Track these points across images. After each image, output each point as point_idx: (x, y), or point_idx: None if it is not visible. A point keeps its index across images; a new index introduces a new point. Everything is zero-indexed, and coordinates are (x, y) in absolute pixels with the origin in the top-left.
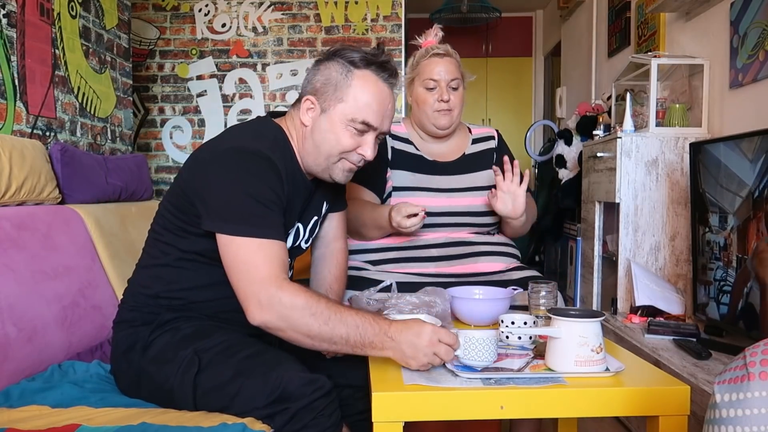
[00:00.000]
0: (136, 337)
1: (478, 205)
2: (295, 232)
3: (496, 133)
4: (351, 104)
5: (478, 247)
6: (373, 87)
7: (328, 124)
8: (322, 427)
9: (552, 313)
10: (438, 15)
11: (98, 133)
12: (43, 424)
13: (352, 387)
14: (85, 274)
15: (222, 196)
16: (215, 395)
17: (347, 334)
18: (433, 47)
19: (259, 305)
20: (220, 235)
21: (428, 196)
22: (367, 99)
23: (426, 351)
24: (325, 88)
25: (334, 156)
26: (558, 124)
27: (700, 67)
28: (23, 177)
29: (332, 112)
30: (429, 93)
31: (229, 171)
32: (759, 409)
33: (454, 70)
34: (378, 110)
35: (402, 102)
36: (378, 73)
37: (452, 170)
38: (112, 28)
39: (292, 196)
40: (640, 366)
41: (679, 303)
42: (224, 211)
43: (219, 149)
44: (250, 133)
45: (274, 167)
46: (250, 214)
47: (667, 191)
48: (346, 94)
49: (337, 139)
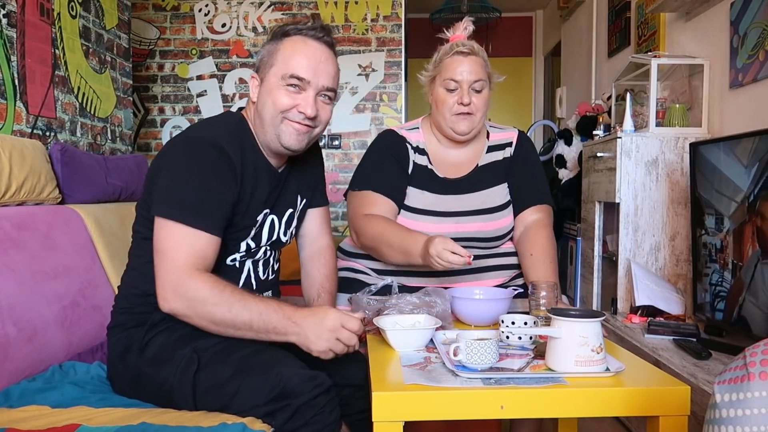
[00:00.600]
0: (132, 340)
1: (487, 231)
2: (270, 224)
3: (516, 138)
4: (280, 64)
5: (484, 261)
6: (302, 45)
7: (265, 90)
8: (322, 424)
9: (552, 313)
10: (438, 15)
11: (98, 133)
12: (43, 424)
13: (351, 386)
14: (85, 274)
15: (165, 182)
16: (215, 394)
17: (250, 320)
18: (458, 44)
19: (168, 293)
20: (156, 218)
21: (436, 222)
22: (295, 56)
23: (328, 336)
24: (263, 61)
25: (277, 118)
26: (558, 124)
27: (700, 67)
28: (23, 177)
29: (268, 78)
30: (449, 94)
31: (177, 160)
32: (759, 409)
33: (478, 71)
34: (308, 65)
35: (402, 102)
36: (306, 34)
37: (462, 188)
38: (112, 28)
39: (255, 184)
40: (641, 366)
41: (679, 303)
42: (164, 196)
43: (175, 140)
44: (210, 124)
45: (225, 157)
46: (186, 201)
47: (667, 191)
48: (276, 59)
49: (273, 101)
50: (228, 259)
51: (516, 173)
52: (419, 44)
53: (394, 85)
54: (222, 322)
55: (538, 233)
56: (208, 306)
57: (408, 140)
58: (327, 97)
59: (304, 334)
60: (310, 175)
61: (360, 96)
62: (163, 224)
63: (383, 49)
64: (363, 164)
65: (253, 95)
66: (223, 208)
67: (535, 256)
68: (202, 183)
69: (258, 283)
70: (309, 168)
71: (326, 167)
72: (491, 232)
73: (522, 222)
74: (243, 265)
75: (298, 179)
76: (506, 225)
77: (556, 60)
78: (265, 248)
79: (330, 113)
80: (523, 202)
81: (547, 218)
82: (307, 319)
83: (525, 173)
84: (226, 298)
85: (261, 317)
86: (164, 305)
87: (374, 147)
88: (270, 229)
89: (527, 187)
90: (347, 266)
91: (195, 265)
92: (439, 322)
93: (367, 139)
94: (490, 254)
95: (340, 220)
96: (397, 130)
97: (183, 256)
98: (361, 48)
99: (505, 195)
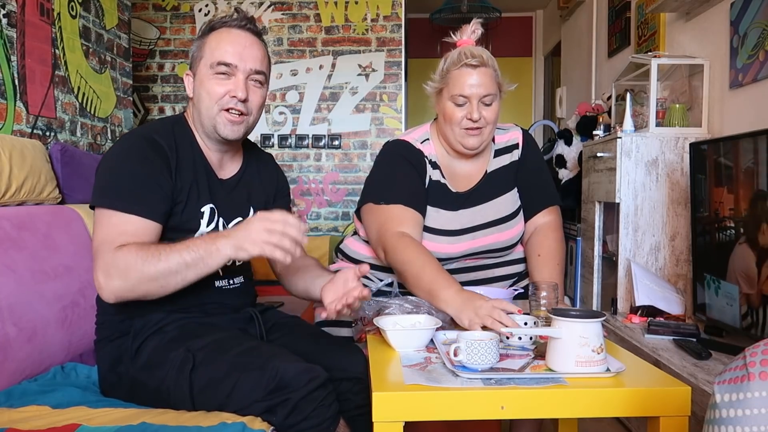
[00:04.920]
0: (121, 350)
1: (501, 242)
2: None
3: (521, 138)
4: (207, 55)
5: (493, 272)
6: (226, 34)
7: (198, 83)
8: (322, 418)
9: (552, 314)
10: (438, 15)
11: (98, 133)
12: (43, 424)
13: (350, 379)
14: (85, 274)
15: (100, 177)
16: (212, 391)
17: (182, 258)
18: (466, 53)
19: (102, 278)
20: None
21: (451, 242)
22: (221, 44)
23: (257, 227)
24: (193, 57)
25: (212, 109)
26: (558, 124)
27: (700, 67)
28: (23, 177)
29: (199, 71)
30: (458, 108)
31: (109, 156)
32: (759, 409)
33: (488, 84)
34: (234, 50)
35: (402, 102)
36: (230, 24)
37: (475, 200)
38: (112, 28)
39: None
40: (641, 366)
41: (679, 303)
42: (98, 189)
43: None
44: (151, 122)
45: (156, 146)
46: (117, 188)
47: (667, 191)
48: (204, 51)
49: (207, 91)
50: None
51: (525, 178)
52: (419, 44)
53: (394, 85)
54: (158, 274)
55: (547, 236)
56: (139, 266)
57: (425, 155)
58: (257, 81)
59: (235, 237)
60: (265, 187)
61: (360, 96)
62: (97, 214)
63: (383, 49)
64: (381, 175)
65: (189, 91)
66: (158, 193)
67: (543, 257)
68: (133, 170)
69: (223, 269)
70: (264, 180)
71: (326, 167)
72: (505, 242)
73: (533, 225)
74: None
75: (248, 189)
76: (519, 233)
77: (556, 60)
78: None
79: (262, 98)
80: (533, 206)
81: (557, 220)
82: (233, 229)
83: (533, 176)
84: (153, 252)
85: (189, 250)
86: (103, 293)
87: (390, 157)
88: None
89: (537, 190)
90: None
91: (117, 242)
92: (439, 322)
93: (367, 139)
94: (500, 263)
95: (340, 220)
96: (411, 142)
97: (111, 240)
98: (361, 48)
99: (516, 201)
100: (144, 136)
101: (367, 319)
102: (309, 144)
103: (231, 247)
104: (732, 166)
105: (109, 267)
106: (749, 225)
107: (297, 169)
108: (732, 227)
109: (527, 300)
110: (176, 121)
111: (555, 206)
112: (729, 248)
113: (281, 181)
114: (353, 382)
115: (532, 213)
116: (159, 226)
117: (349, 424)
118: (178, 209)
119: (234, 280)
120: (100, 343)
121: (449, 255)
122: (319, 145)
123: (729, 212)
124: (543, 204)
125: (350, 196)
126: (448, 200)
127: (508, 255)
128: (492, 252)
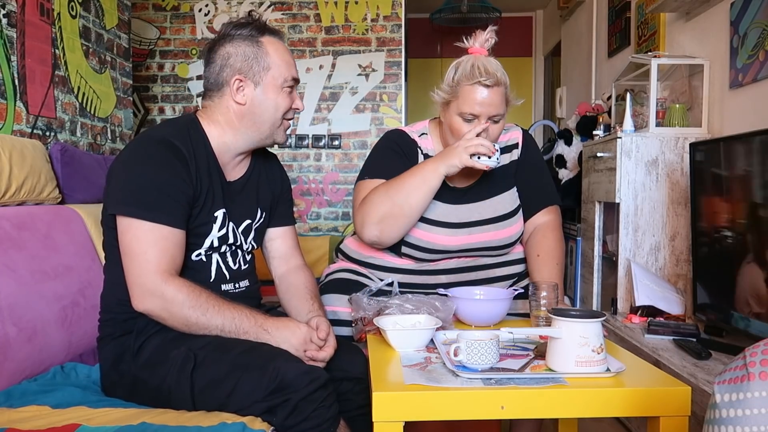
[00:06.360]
0: (123, 348)
1: (499, 239)
2: (230, 228)
3: (521, 137)
4: (276, 69)
5: (493, 271)
6: (280, 47)
7: (264, 94)
8: (322, 419)
9: (552, 314)
10: (438, 15)
11: (98, 133)
12: (43, 424)
13: (350, 380)
14: (85, 274)
15: (121, 182)
16: (213, 391)
17: (222, 325)
18: (480, 70)
19: (144, 294)
20: (118, 217)
21: (449, 234)
22: (284, 58)
23: (298, 348)
24: (248, 63)
25: (278, 120)
26: (558, 124)
27: (700, 67)
28: (23, 177)
29: (266, 81)
30: (465, 124)
31: (128, 160)
32: (759, 409)
33: (499, 104)
34: (293, 64)
35: (402, 102)
36: (272, 35)
37: (473, 196)
38: (112, 28)
39: (210, 180)
40: (641, 366)
41: (679, 303)
42: (121, 195)
43: (128, 144)
44: (161, 125)
45: (176, 151)
46: (144, 197)
47: (667, 191)
48: (269, 63)
49: (276, 104)
50: (193, 254)
51: (524, 177)
52: (419, 44)
53: (394, 85)
54: (195, 325)
55: (547, 235)
56: (184, 309)
57: (419, 145)
58: None
59: (276, 343)
60: (272, 189)
61: (360, 96)
62: (127, 224)
63: (383, 49)
64: (370, 157)
65: (241, 98)
66: (182, 200)
67: (542, 257)
68: (157, 178)
69: (230, 273)
70: (270, 180)
71: (326, 167)
72: (503, 240)
73: (532, 224)
74: (210, 258)
75: (255, 190)
76: (517, 232)
77: (556, 60)
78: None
79: None
80: (533, 206)
81: (557, 220)
82: (279, 331)
83: (533, 176)
84: (202, 302)
85: (234, 322)
86: (138, 305)
87: (382, 142)
88: (233, 233)
89: (536, 190)
90: (347, 267)
91: (168, 267)
92: (439, 322)
93: (367, 139)
94: (500, 263)
95: (340, 220)
96: (407, 132)
97: (154, 258)
98: (361, 48)
99: (515, 200)
100: (163, 140)
101: (367, 319)
102: (309, 144)
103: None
104: (732, 167)
105: (155, 291)
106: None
107: (297, 169)
108: (732, 227)
109: (527, 300)
110: (189, 122)
111: (554, 206)
112: (729, 248)
113: (285, 181)
114: (353, 382)
115: (531, 212)
116: (184, 233)
117: (349, 424)
118: (194, 213)
119: (240, 284)
120: (102, 340)
121: (446, 247)
122: (319, 145)
123: (728, 214)
124: (542, 204)
125: (350, 196)
126: (446, 194)
127: (508, 255)
128: (490, 250)
